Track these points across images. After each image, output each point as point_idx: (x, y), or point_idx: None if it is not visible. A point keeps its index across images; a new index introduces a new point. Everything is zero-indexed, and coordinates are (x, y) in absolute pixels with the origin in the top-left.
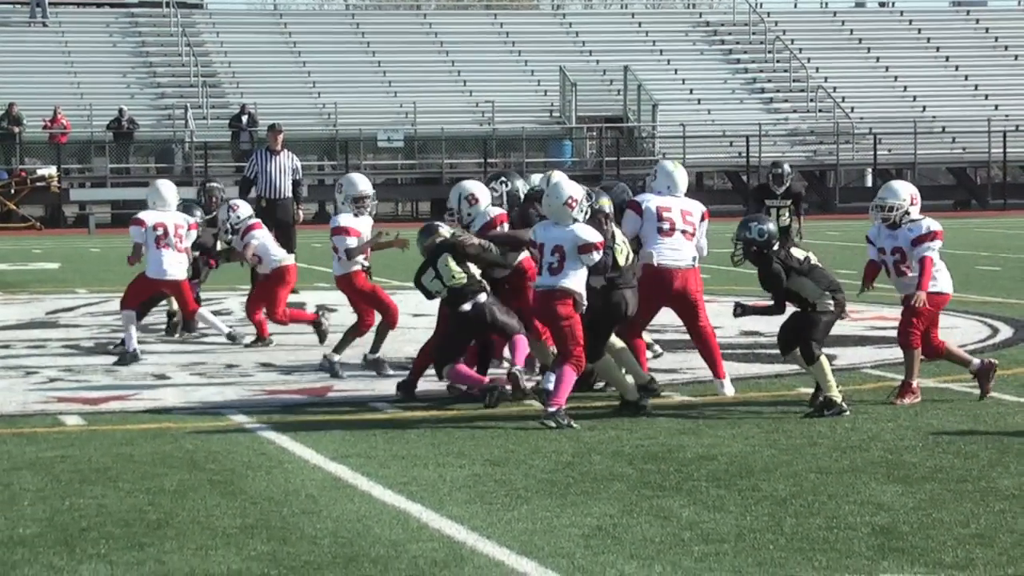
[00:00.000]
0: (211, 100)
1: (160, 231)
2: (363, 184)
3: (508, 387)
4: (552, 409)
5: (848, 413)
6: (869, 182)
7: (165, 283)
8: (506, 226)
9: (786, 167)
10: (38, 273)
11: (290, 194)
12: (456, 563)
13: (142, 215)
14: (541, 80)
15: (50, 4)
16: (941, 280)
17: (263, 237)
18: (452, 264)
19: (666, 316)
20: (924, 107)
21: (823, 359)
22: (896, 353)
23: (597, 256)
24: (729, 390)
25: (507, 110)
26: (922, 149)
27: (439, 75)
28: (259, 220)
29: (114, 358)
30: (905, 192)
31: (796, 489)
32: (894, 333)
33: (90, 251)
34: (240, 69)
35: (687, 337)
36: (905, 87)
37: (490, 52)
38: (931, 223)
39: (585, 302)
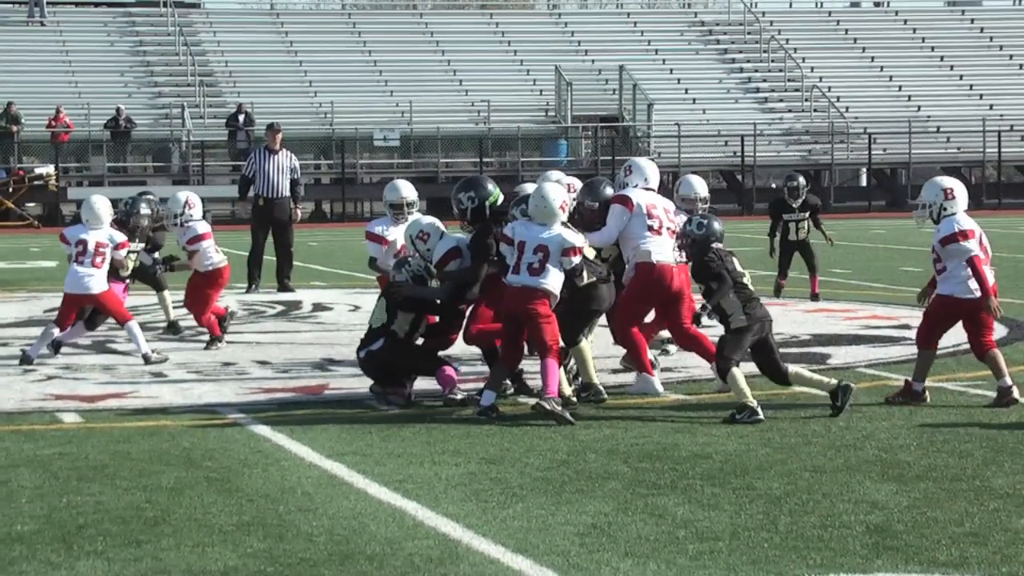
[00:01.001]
0: (208, 99)
1: (80, 248)
2: (404, 191)
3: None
4: (549, 397)
5: (761, 417)
6: (864, 181)
7: (83, 298)
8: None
9: (801, 180)
10: (36, 271)
11: (288, 193)
12: (451, 561)
13: (66, 232)
14: (537, 79)
15: (48, 3)
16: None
17: (208, 246)
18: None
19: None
20: (919, 107)
21: (734, 371)
22: (889, 352)
23: (577, 260)
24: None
25: (503, 109)
26: (917, 149)
27: (435, 74)
28: (208, 231)
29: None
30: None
31: (791, 488)
32: (888, 332)
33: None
34: (237, 68)
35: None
36: (900, 87)
37: (486, 52)
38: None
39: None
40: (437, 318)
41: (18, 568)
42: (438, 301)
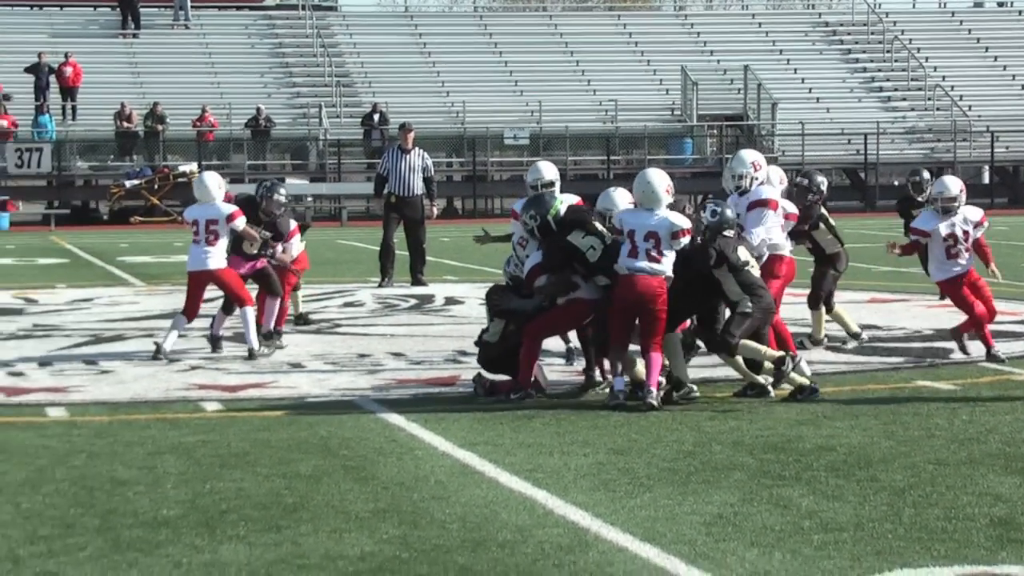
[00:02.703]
0: (344, 99)
1: (194, 227)
2: (539, 172)
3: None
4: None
5: (772, 395)
6: (987, 179)
7: (202, 274)
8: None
9: (925, 174)
10: (179, 265)
11: (419, 191)
12: (581, 548)
13: (184, 213)
14: (663, 79)
15: (192, 7)
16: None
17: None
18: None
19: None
20: None
21: (741, 346)
22: (1012, 347)
23: (686, 241)
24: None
25: (630, 109)
26: None
27: (564, 74)
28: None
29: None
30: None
31: (914, 480)
32: (1010, 327)
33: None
34: (372, 69)
35: (805, 330)
36: (1023, 85)
37: (613, 52)
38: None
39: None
40: None
41: (164, 551)
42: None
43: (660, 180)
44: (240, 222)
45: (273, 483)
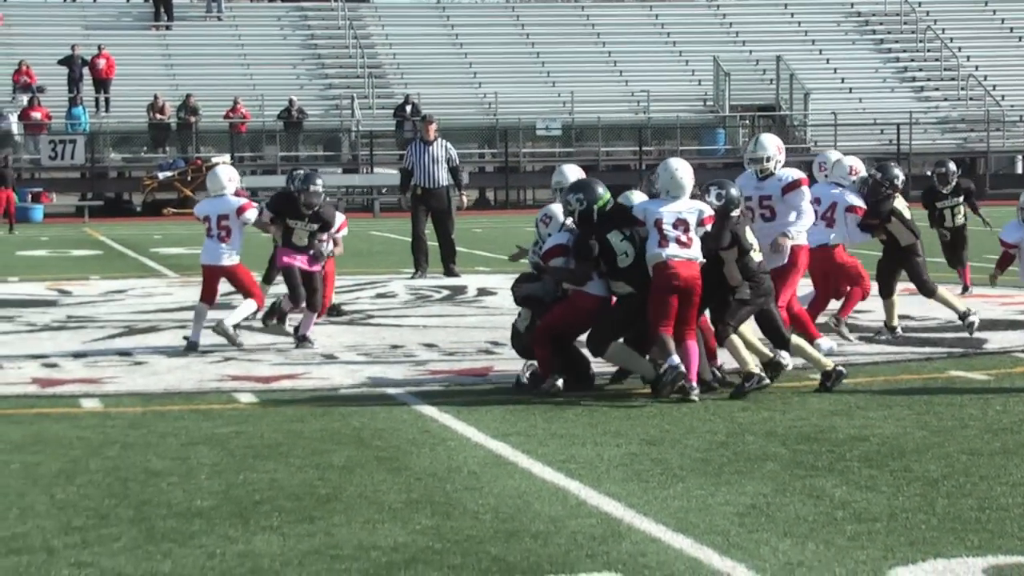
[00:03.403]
0: (377, 91)
1: (206, 223)
2: (561, 175)
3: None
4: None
5: (767, 382)
6: (1020, 169)
7: (215, 269)
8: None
9: (951, 165)
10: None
11: (445, 183)
12: (614, 539)
13: (195, 209)
14: (695, 70)
15: None
16: None
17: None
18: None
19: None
20: None
21: (734, 338)
22: None
23: (708, 227)
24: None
25: (662, 99)
26: None
27: (596, 65)
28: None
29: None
30: None
31: (948, 470)
32: None
33: (260, 235)
34: (404, 60)
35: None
36: None
37: (646, 43)
38: None
39: None
40: None
41: (198, 542)
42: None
43: (684, 168)
44: (250, 214)
45: (306, 474)
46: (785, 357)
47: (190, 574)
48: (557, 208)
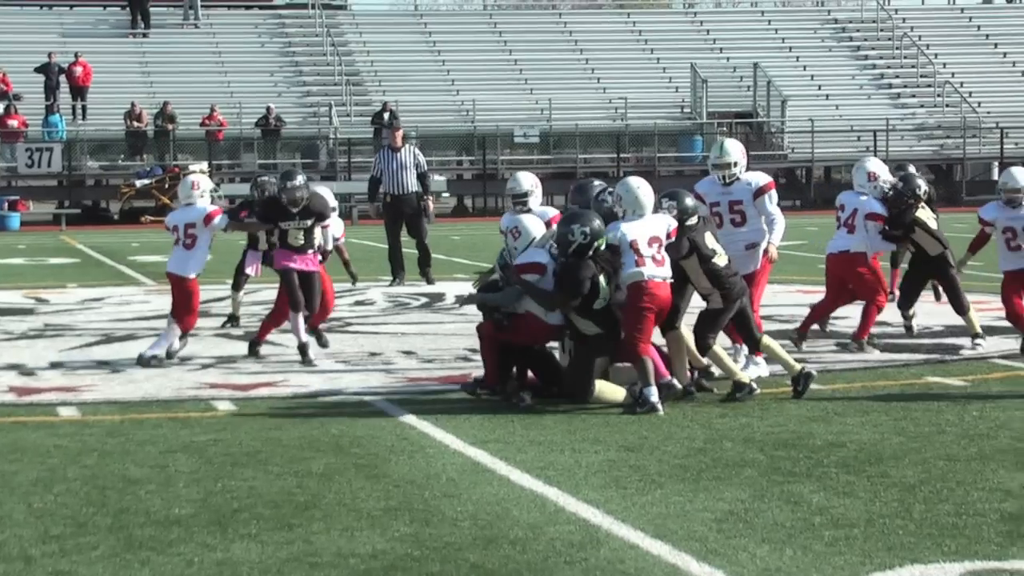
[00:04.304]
0: (354, 98)
1: (175, 233)
2: (519, 181)
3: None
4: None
5: (758, 391)
6: (996, 175)
7: (176, 278)
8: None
9: (910, 169)
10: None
11: (414, 188)
12: (592, 545)
13: (166, 219)
14: (673, 77)
15: (202, 6)
16: None
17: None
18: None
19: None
20: None
21: (716, 347)
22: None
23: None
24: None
25: (639, 106)
26: None
27: (574, 72)
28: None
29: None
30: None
31: (925, 476)
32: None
33: (239, 243)
34: (382, 68)
35: (815, 327)
36: None
37: (623, 50)
38: None
39: None
40: None
41: (176, 550)
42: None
43: (645, 185)
44: (219, 221)
45: (285, 481)
46: (760, 367)
47: None
48: (529, 221)
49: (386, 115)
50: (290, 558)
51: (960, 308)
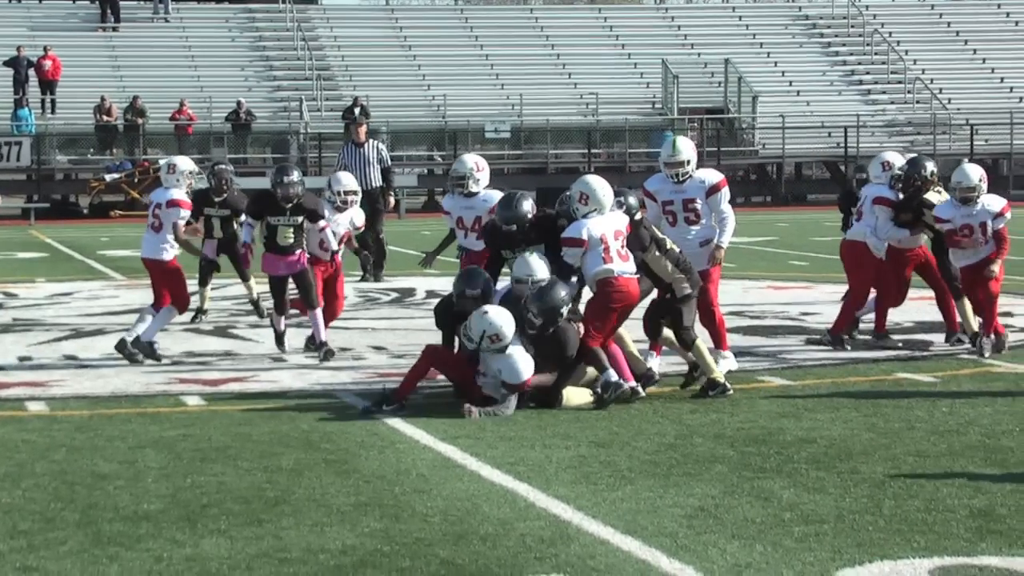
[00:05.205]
0: (325, 92)
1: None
2: (465, 162)
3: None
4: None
5: (731, 392)
6: None
7: (144, 260)
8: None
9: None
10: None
11: (377, 183)
12: (562, 541)
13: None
14: (644, 72)
15: (172, 0)
16: None
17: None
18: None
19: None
20: (1020, 98)
21: (699, 341)
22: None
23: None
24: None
25: (610, 102)
26: (1018, 139)
27: (545, 68)
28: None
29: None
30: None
31: (895, 472)
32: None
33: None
34: (353, 63)
35: (785, 323)
36: (1002, 78)
37: (594, 46)
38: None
39: None
40: None
41: (145, 545)
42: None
43: (604, 182)
44: (173, 213)
45: (254, 477)
46: (728, 360)
47: None
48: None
49: (357, 110)
50: (259, 554)
51: (958, 295)
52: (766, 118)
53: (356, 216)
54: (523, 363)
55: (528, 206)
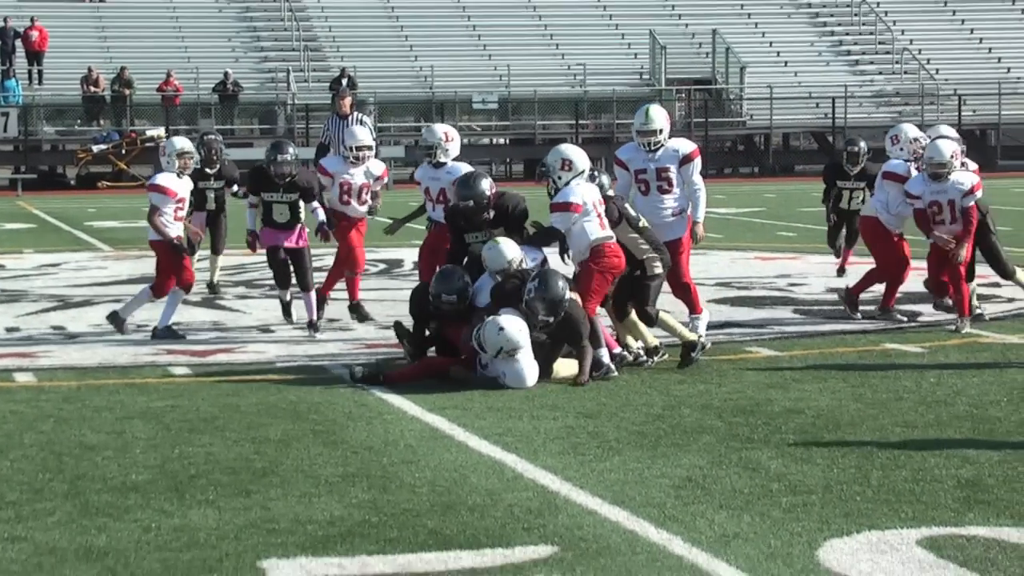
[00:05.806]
0: (312, 63)
1: None
2: (435, 131)
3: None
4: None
5: (709, 345)
6: None
7: (151, 245)
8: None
9: (862, 145)
10: (147, 230)
11: None
12: (550, 511)
13: None
14: (631, 43)
15: None
16: None
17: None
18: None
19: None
20: (1008, 68)
21: (662, 314)
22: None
23: None
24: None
25: (598, 72)
26: (1007, 110)
27: (533, 39)
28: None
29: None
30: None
31: (882, 442)
32: (978, 291)
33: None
34: (340, 34)
35: (773, 293)
36: (990, 48)
37: (582, 16)
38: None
39: None
40: None
41: (133, 516)
42: None
43: (578, 149)
44: (151, 196)
45: (242, 448)
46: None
47: (125, 548)
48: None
49: (344, 81)
50: (247, 524)
51: (1004, 273)
52: (754, 89)
53: (373, 167)
54: (529, 370)
55: (487, 184)
